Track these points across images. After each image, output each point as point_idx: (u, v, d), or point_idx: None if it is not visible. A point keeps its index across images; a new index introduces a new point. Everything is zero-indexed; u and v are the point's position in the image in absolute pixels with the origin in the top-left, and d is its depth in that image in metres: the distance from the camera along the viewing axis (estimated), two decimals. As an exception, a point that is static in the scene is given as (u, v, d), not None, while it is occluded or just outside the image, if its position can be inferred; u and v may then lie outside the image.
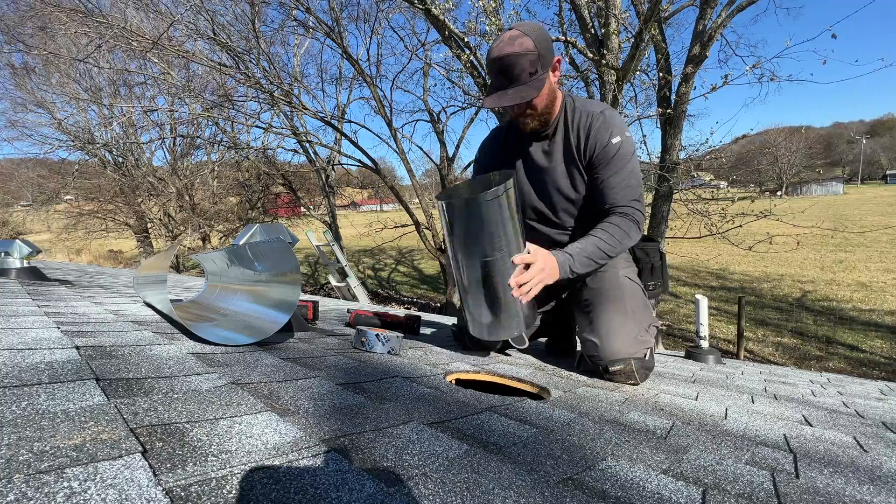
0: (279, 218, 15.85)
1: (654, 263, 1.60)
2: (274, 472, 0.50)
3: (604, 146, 1.37)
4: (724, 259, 12.89)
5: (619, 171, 1.38)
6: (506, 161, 1.57)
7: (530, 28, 1.30)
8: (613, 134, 1.37)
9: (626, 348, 1.31)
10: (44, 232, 17.61)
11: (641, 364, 1.33)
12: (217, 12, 7.58)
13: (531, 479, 0.58)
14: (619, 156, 1.37)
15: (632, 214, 1.39)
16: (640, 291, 1.48)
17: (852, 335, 7.33)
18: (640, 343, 1.33)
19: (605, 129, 1.37)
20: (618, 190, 1.39)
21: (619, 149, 1.37)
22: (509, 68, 1.28)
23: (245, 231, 1.65)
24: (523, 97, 1.28)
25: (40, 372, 0.73)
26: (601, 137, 1.37)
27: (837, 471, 0.74)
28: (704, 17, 5.31)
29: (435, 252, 8.78)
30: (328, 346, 1.34)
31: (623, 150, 1.37)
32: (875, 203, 29.86)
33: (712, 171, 7.83)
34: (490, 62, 1.31)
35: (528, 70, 1.28)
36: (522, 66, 1.27)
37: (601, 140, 1.37)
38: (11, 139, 12.74)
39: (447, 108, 10.13)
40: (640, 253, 1.58)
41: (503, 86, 1.31)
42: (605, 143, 1.37)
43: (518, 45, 1.26)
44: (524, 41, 1.27)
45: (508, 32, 1.30)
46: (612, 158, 1.38)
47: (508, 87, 1.30)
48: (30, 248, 2.54)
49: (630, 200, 1.40)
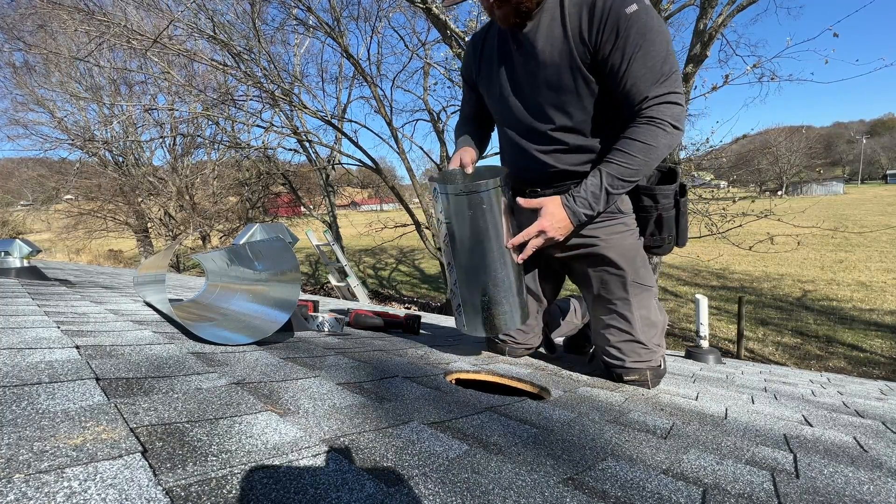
0: (279, 217, 15.84)
1: (663, 214, 1.23)
2: (274, 472, 0.50)
3: (616, 20, 1.02)
4: (724, 259, 12.88)
5: (638, 52, 1.03)
6: (483, 74, 1.30)
7: None
8: (626, 2, 1.02)
9: (641, 367, 1.30)
10: (44, 231, 17.61)
11: (656, 373, 1.33)
12: (217, 11, 7.58)
13: (531, 479, 0.58)
14: (636, 29, 1.02)
15: (659, 115, 1.05)
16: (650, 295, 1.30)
17: (852, 335, 7.33)
18: (653, 354, 1.32)
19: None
20: (639, 77, 1.04)
21: (634, 21, 1.01)
22: None
23: (245, 230, 1.65)
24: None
25: (40, 371, 0.73)
26: (609, 8, 1.03)
27: (837, 471, 0.74)
28: (705, 17, 5.31)
29: (435, 252, 8.78)
30: (328, 346, 1.34)
31: (640, 20, 1.02)
32: (875, 203, 29.84)
33: (713, 171, 7.83)
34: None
35: None
36: None
37: (610, 12, 1.03)
38: (13, 137, 12.74)
39: (447, 108, 10.12)
40: (648, 199, 1.23)
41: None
42: (617, 15, 1.02)
43: None
44: None
45: None
46: (627, 33, 1.02)
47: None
48: (30, 248, 2.54)
49: (655, 89, 1.04)
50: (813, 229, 6.06)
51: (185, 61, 9.60)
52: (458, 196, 1.10)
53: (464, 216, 1.11)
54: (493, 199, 1.11)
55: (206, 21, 7.19)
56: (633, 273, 1.27)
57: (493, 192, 1.10)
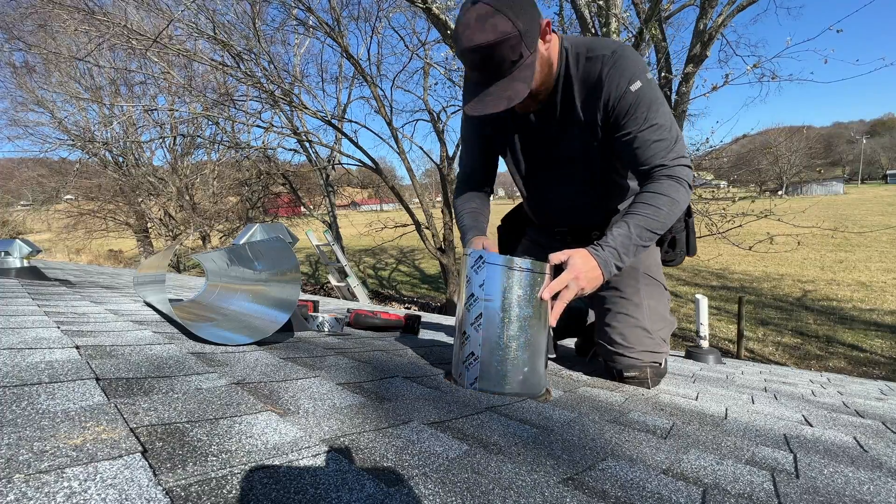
0: (279, 217, 15.84)
1: (675, 236, 1.40)
2: (274, 472, 0.50)
3: (620, 96, 1.11)
4: (724, 259, 12.88)
5: (647, 122, 1.11)
6: (496, 139, 1.35)
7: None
8: (631, 80, 1.10)
9: (643, 358, 1.30)
10: (44, 231, 17.61)
11: (656, 372, 1.33)
12: (217, 11, 7.58)
13: (531, 479, 0.58)
14: (643, 104, 1.10)
15: (676, 173, 1.12)
16: (662, 291, 1.37)
17: (852, 335, 7.33)
18: (656, 353, 1.32)
19: (617, 74, 1.10)
20: (651, 147, 1.12)
21: (640, 97, 1.10)
22: (484, 62, 1.02)
23: (245, 230, 1.65)
24: (511, 98, 1.04)
25: (40, 371, 0.73)
26: (615, 86, 1.11)
27: (837, 471, 0.74)
28: (705, 17, 5.31)
29: (435, 252, 8.78)
30: (328, 346, 1.34)
31: (646, 96, 1.10)
32: (875, 203, 29.84)
33: (713, 171, 7.83)
34: (460, 54, 1.05)
35: (510, 58, 1.02)
36: (502, 57, 1.01)
37: (616, 89, 1.11)
38: (13, 137, 12.74)
39: (447, 108, 10.11)
40: None
41: (482, 81, 1.07)
42: (621, 92, 1.10)
43: (491, 30, 0.98)
44: (497, 22, 0.97)
45: (474, 9, 0.99)
46: (635, 109, 1.11)
47: (489, 84, 1.06)
48: (30, 248, 2.54)
49: (669, 156, 1.12)
50: (813, 229, 6.05)
51: (185, 61, 9.60)
52: (522, 272, 1.01)
53: (517, 292, 1.03)
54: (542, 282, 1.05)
55: (206, 21, 7.19)
56: (644, 266, 1.35)
57: (544, 277, 1.05)
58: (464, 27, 1.01)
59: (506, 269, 1.01)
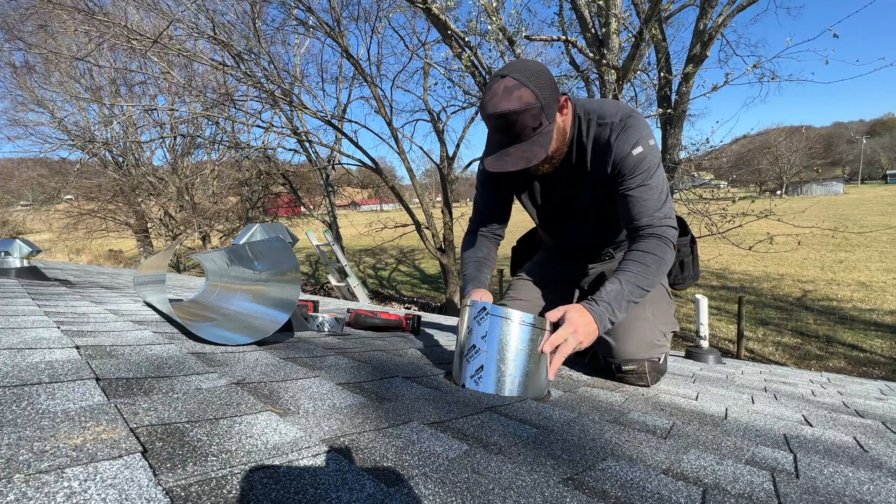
0: (279, 217, 15.84)
1: (683, 259, 1.52)
2: (274, 472, 0.50)
3: (623, 157, 1.24)
4: (724, 259, 12.89)
5: (643, 183, 1.24)
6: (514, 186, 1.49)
7: (529, 73, 1.13)
8: (635, 144, 1.23)
9: (642, 351, 1.31)
10: (44, 231, 17.60)
11: (654, 367, 1.33)
12: (218, 11, 7.58)
13: (531, 479, 0.58)
14: (642, 168, 1.23)
15: (663, 234, 1.23)
16: (663, 292, 1.44)
17: (852, 335, 7.33)
18: (656, 347, 1.33)
19: (624, 139, 1.24)
20: (643, 204, 1.25)
21: (640, 160, 1.23)
22: (508, 127, 1.14)
23: (245, 230, 1.65)
24: (529, 160, 1.14)
25: (40, 372, 0.73)
26: (621, 149, 1.24)
27: (837, 471, 0.74)
28: (705, 17, 5.31)
29: (435, 252, 8.78)
30: (328, 346, 1.34)
31: (646, 160, 1.23)
32: (875, 203, 29.83)
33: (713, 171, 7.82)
34: (486, 118, 1.17)
35: (531, 126, 1.14)
36: (524, 124, 1.13)
37: (622, 151, 1.24)
38: (13, 137, 12.73)
39: (447, 108, 10.13)
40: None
41: (503, 143, 1.18)
42: (624, 154, 1.24)
43: (516, 100, 1.10)
44: (522, 94, 1.11)
45: (503, 82, 1.12)
46: (635, 170, 1.24)
47: (510, 146, 1.17)
48: (30, 248, 2.54)
49: (657, 215, 1.24)
50: (813, 229, 6.05)
51: (185, 61, 9.60)
52: (523, 326, 1.05)
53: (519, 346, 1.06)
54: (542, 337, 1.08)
55: (206, 21, 7.19)
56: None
57: (544, 333, 1.08)
58: (492, 95, 1.13)
59: (508, 321, 1.04)
